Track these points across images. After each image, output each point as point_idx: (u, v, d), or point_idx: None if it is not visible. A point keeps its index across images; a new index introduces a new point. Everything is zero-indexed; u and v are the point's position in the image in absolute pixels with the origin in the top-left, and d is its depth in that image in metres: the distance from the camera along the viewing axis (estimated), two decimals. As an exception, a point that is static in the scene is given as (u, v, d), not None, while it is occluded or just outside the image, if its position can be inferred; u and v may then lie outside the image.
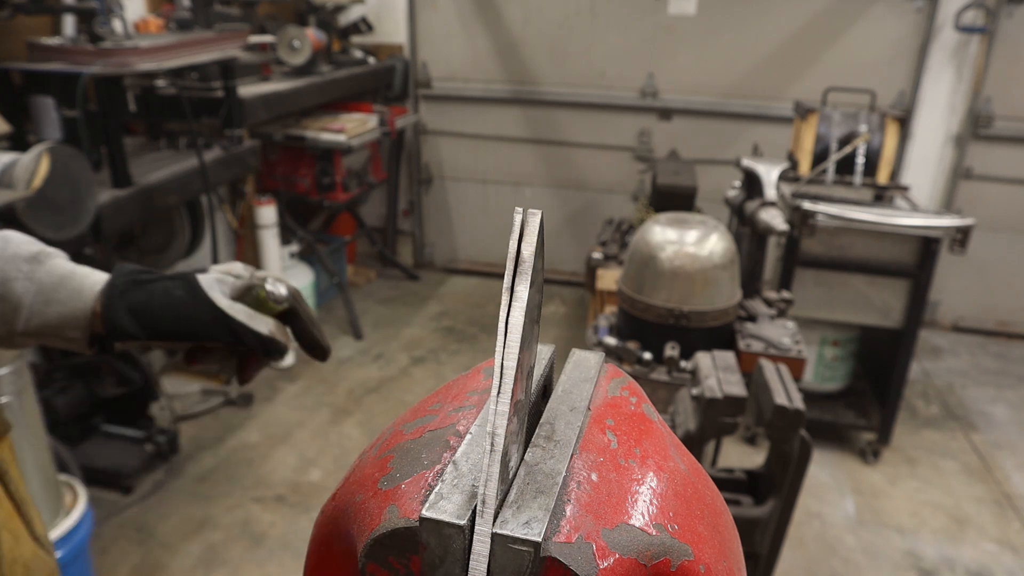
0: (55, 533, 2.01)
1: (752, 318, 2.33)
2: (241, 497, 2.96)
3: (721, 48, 4.47)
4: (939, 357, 4.34)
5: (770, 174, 2.44)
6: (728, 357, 1.71)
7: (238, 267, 0.86)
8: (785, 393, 1.57)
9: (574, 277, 5.12)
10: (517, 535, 0.36)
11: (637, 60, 4.63)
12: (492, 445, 0.36)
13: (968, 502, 3.11)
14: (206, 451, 3.23)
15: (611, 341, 2.23)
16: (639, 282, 2.22)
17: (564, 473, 0.41)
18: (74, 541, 2.04)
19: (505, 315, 0.37)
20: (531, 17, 4.71)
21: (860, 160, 3.29)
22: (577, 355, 0.54)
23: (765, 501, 1.71)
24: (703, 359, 1.71)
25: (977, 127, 4.24)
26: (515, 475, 0.41)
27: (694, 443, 1.61)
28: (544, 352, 0.54)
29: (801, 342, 2.24)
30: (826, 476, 3.23)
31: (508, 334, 0.37)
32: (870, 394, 3.54)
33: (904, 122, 3.37)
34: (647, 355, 2.16)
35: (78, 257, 3.00)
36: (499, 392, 0.37)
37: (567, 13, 4.63)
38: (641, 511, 0.41)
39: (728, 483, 1.79)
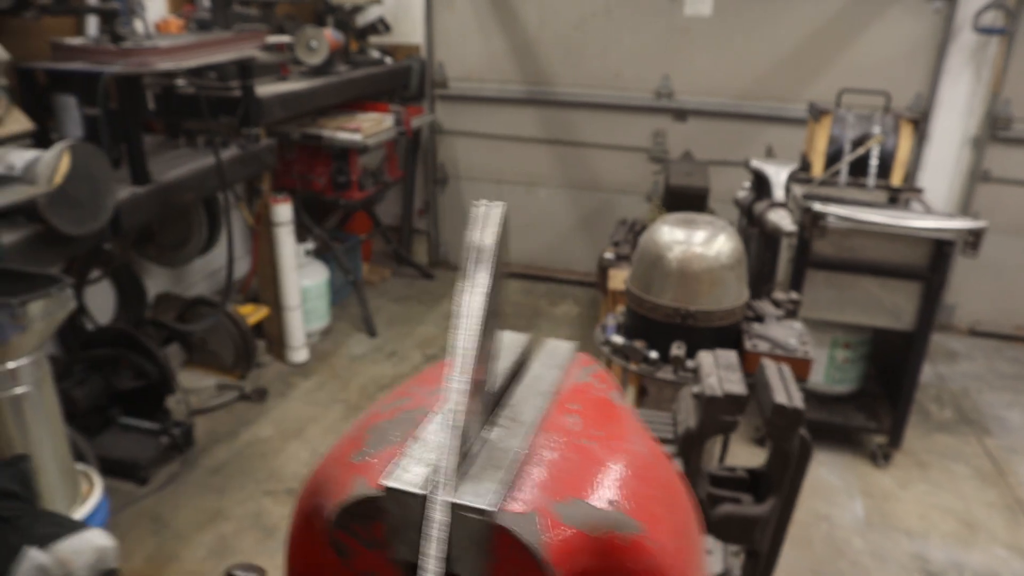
0: (71, 520, 2.06)
1: (760, 318, 2.33)
2: (254, 490, 3.01)
3: (737, 49, 4.47)
4: (955, 361, 4.31)
5: (779, 175, 2.45)
6: (730, 356, 1.73)
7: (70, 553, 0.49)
8: (785, 392, 1.58)
9: (587, 277, 5.13)
10: (470, 504, 0.38)
11: (652, 61, 4.64)
12: (451, 421, 0.39)
13: (979, 507, 3.09)
14: (220, 444, 3.29)
15: (618, 340, 2.25)
16: (646, 282, 2.24)
17: (523, 451, 0.44)
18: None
19: (465, 301, 0.40)
20: (547, 18, 4.74)
21: (874, 162, 3.27)
22: (550, 344, 0.57)
23: (766, 499, 1.72)
24: (705, 358, 1.72)
25: (995, 129, 4.20)
26: (476, 451, 0.43)
27: (694, 440, 1.62)
28: (519, 341, 0.56)
29: (808, 343, 2.24)
30: (835, 478, 3.22)
31: (466, 318, 0.40)
32: (882, 397, 3.52)
33: (918, 124, 3.35)
34: (653, 354, 2.18)
35: (97, 252, 3.08)
36: (458, 372, 0.39)
37: (583, 14, 4.65)
38: (594, 488, 0.43)
39: (730, 481, 1.80)
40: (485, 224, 0.41)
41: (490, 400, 0.47)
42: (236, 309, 3.64)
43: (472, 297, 0.40)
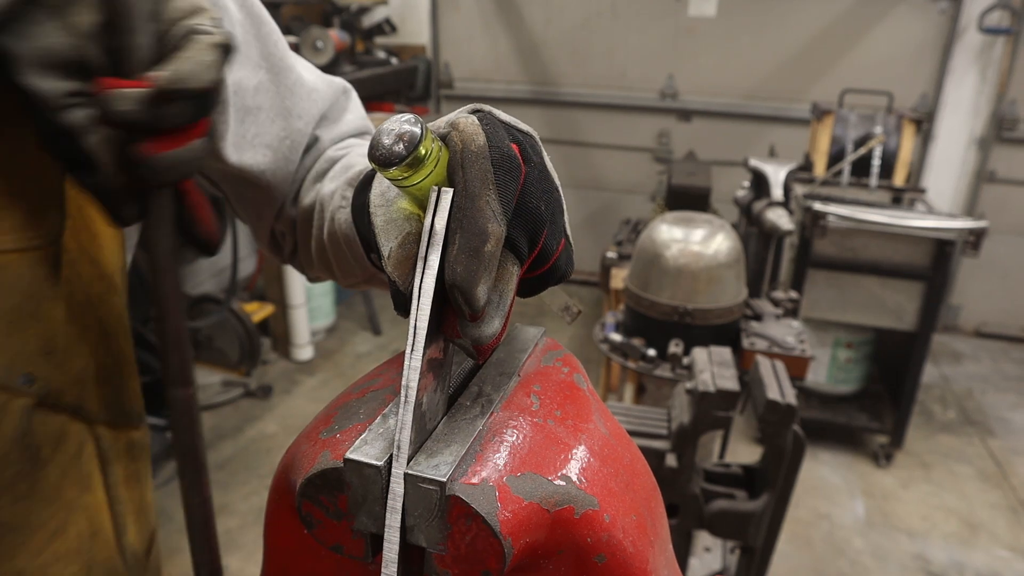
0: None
1: (758, 317, 2.34)
2: (257, 485, 3.04)
3: (741, 50, 4.47)
4: (959, 362, 4.29)
5: (777, 174, 2.46)
6: (724, 352, 1.74)
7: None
8: (778, 388, 1.60)
9: (592, 277, 5.14)
10: (425, 475, 0.40)
11: (657, 61, 4.65)
12: (406, 397, 0.41)
13: (982, 507, 3.09)
14: (225, 440, 3.32)
15: (616, 337, 2.27)
16: (645, 279, 2.25)
17: (481, 428, 0.45)
18: (94, 520, 2.13)
19: (419, 282, 0.42)
20: (552, 18, 4.76)
21: (876, 162, 3.28)
22: (518, 329, 0.59)
23: (760, 495, 1.73)
24: (699, 354, 1.74)
25: (1001, 130, 4.19)
26: (437, 427, 0.45)
27: (688, 436, 1.64)
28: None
29: (806, 341, 2.25)
30: (837, 478, 3.22)
31: (420, 299, 0.42)
32: (885, 397, 3.52)
33: (920, 124, 3.35)
34: (651, 351, 2.19)
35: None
36: (412, 349, 0.41)
37: (588, 14, 4.67)
38: (550, 464, 0.45)
39: (724, 477, 1.82)
40: (437, 208, 0.43)
41: (452, 379, 0.49)
42: (241, 307, 3.68)
43: (425, 278, 0.42)
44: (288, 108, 0.74)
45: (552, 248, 0.49)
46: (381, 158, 0.41)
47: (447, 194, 0.43)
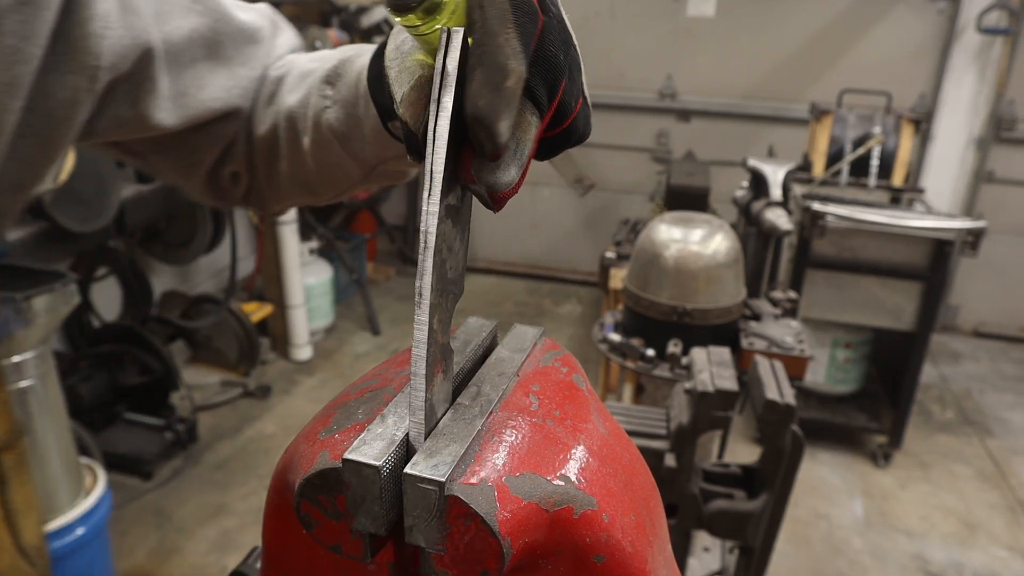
0: (75, 512, 2.09)
1: (757, 317, 2.34)
2: (256, 485, 3.04)
3: (740, 50, 4.47)
4: (958, 362, 4.30)
5: (776, 174, 2.46)
6: (723, 352, 1.74)
7: None
8: (777, 388, 1.60)
9: (591, 277, 5.15)
10: (424, 475, 0.40)
11: (656, 61, 4.65)
12: (425, 243, 0.41)
13: (980, 507, 3.09)
14: (224, 440, 3.32)
15: (615, 337, 2.27)
16: (643, 279, 2.25)
17: (480, 427, 0.45)
18: (93, 520, 2.12)
19: (433, 125, 0.41)
20: (551, 18, 4.75)
21: (875, 162, 3.28)
22: (517, 329, 0.59)
23: (759, 495, 1.73)
24: (698, 354, 1.73)
25: (1000, 130, 4.19)
26: (436, 426, 0.45)
27: (687, 436, 1.63)
28: (486, 326, 0.58)
29: (805, 341, 2.25)
30: (836, 478, 3.22)
31: (436, 142, 0.41)
32: (883, 397, 3.52)
33: (919, 124, 3.35)
34: (650, 351, 2.19)
35: (103, 250, 3.12)
36: (428, 194, 0.41)
37: (587, 14, 4.67)
38: (549, 463, 0.45)
39: (723, 477, 1.82)
40: (448, 49, 0.41)
41: (452, 376, 0.49)
42: (240, 307, 3.67)
43: (440, 121, 0.41)
44: (229, 57, 0.71)
45: (570, 105, 0.48)
46: (399, 2, 0.41)
47: (457, 33, 0.42)
